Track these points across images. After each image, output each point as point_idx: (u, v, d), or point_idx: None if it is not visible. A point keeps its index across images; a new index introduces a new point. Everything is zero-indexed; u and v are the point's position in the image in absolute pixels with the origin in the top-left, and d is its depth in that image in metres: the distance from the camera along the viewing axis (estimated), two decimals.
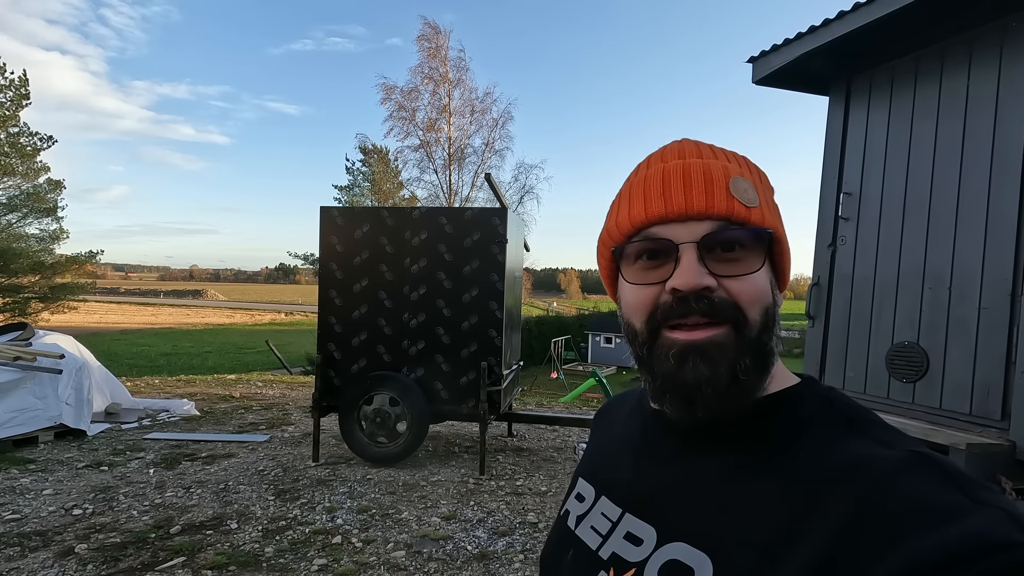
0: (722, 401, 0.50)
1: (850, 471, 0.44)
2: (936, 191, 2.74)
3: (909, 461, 0.43)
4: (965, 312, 2.57)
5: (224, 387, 9.33)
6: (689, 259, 0.51)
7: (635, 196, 0.55)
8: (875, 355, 2.97)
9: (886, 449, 0.45)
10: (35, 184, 16.71)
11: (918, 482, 0.41)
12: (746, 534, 0.46)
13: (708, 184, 0.52)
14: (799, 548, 0.42)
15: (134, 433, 5.95)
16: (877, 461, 0.44)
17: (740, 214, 0.51)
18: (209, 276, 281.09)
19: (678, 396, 0.51)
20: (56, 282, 17.10)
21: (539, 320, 33.73)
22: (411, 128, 22.35)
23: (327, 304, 5.18)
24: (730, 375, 0.49)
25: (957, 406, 2.57)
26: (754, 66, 3.46)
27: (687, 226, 0.52)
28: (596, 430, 0.77)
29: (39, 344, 5.95)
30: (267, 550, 3.40)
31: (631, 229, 0.55)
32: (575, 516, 0.65)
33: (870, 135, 3.12)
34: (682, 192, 0.52)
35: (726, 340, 0.50)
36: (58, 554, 3.27)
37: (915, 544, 0.37)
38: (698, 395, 0.50)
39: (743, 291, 0.51)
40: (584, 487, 0.67)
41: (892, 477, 0.42)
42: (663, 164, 0.55)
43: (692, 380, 0.50)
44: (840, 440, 0.48)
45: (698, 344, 0.50)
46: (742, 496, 0.49)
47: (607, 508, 0.61)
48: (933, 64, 2.85)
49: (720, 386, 0.49)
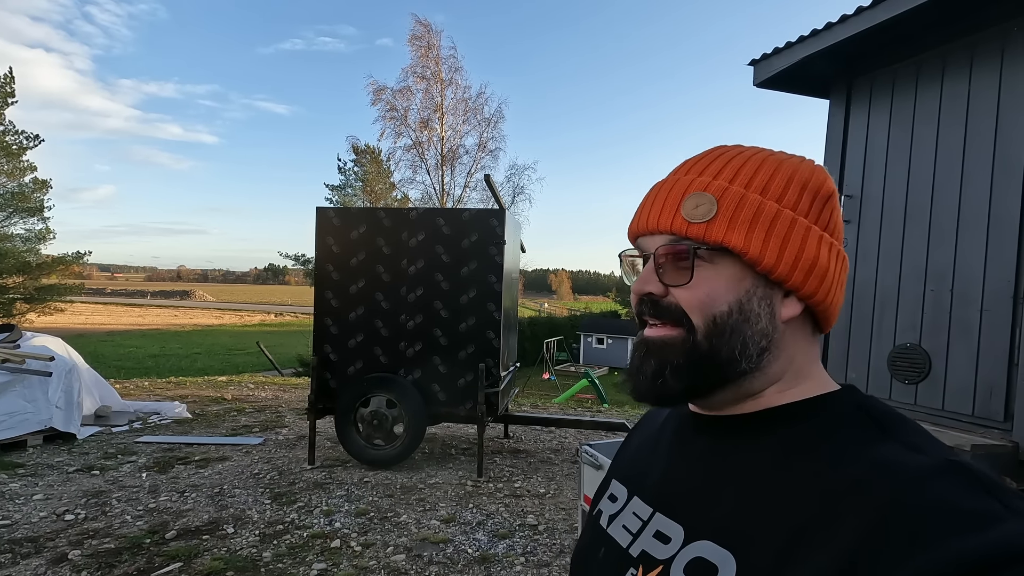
0: (648, 391, 0.57)
1: (877, 474, 0.44)
2: (938, 194, 2.76)
3: (941, 467, 0.43)
4: (967, 314, 2.59)
5: (215, 389, 9.23)
6: (647, 268, 0.58)
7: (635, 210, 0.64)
8: (877, 357, 2.98)
9: (917, 454, 0.45)
10: (20, 183, 16.45)
11: (948, 487, 0.41)
12: (768, 534, 0.47)
13: (664, 202, 0.58)
14: (821, 549, 0.43)
15: (125, 436, 5.86)
16: (906, 465, 0.44)
17: (680, 229, 0.56)
18: (197, 277, 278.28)
19: (627, 379, 0.61)
20: (42, 283, 16.84)
21: (531, 321, 33.75)
22: (403, 128, 22.29)
23: (323, 305, 5.13)
24: (657, 370, 0.56)
25: (960, 407, 2.59)
26: (755, 69, 3.47)
27: (652, 239, 0.59)
28: (634, 434, 0.79)
29: (27, 346, 5.85)
30: (265, 555, 3.36)
31: (631, 238, 0.64)
32: (607, 516, 0.67)
33: (871, 138, 3.14)
34: (647, 210, 0.59)
35: (672, 341, 0.56)
36: (51, 561, 3.20)
37: (943, 547, 0.37)
38: (635, 380, 0.59)
39: (685, 298, 0.56)
40: (617, 488, 0.69)
41: (920, 481, 0.42)
42: (665, 178, 0.62)
43: (635, 369, 0.59)
44: (869, 444, 0.48)
45: (647, 339, 0.59)
46: (767, 496, 0.50)
47: (638, 507, 0.63)
48: (934, 68, 2.87)
49: (646, 377, 0.57)
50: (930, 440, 0.48)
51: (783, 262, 0.55)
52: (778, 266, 0.55)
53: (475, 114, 22.99)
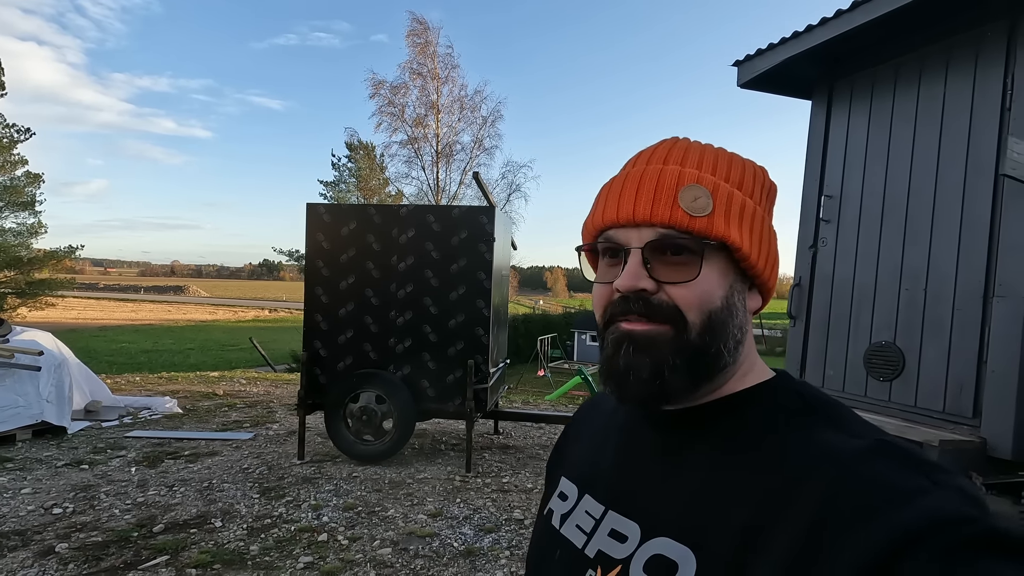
0: (646, 392, 0.54)
1: (820, 460, 0.47)
2: (913, 194, 2.82)
3: (874, 448, 0.46)
4: (940, 313, 2.64)
5: (207, 385, 9.23)
6: (633, 263, 0.54)
7: (600, 199, 0.59)
8: (854, 354, 3.04)
9: (853, 439, 0.48)
10: (12, 177, 16.35)
11: (882, 467, 0.44)
12: (724, 526, 0.48)
13: (656, 192, 0.54)
14: (776, 536, 0.44)
15: (115, 431, 5.87)
16: (845, 449, 0.47)
17: (683, 223, 0.53)
18: (191, 272, 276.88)
19: (610, 380, 0.56)
20: (34, 277, 16.75)
21: (525, 318, 33.78)
22: (399, 124, 22.25)
23: (313, 301, 5.15)
24: (654, 369, 0.53)
25: (931, 404, 2.65)
26: (739, 70, 3.52)
27: (638, 231, 0.55)
28: (579, 428, 0.76)
29: (16, 341, 5.84)
30: (252, 548, 3.39)
31: (595, 230, 0.59)
32: (559, 515, 0.65)
33: (851, 139, 3.19)
34: (632, 200, 0.55)
35: (662, 338, 0.54)
36: (38, 553, 3.22)
37: (878, 524, 0.40)
38: (625, 381, 0.54)
39: (682, 296, 0.54)
40: (567, 486, 0.68)
41: (857, 463, 0.45)
42: (631, 169, 0.59)
43: (622, 366, 0.54)
44: (810, 431, 0.51)
45: (633, 334, 0.54)
46: (718, 488, 0.51)
47: (590, 506, 0.62)
48: (912, 70, 2.93)
49: (643, 377, 0.53)
50: (862, 423, 0.52)
51: (760, 257, 0.57)
52: (758, 261, 0.57)
53: (471, 112, 22.98)
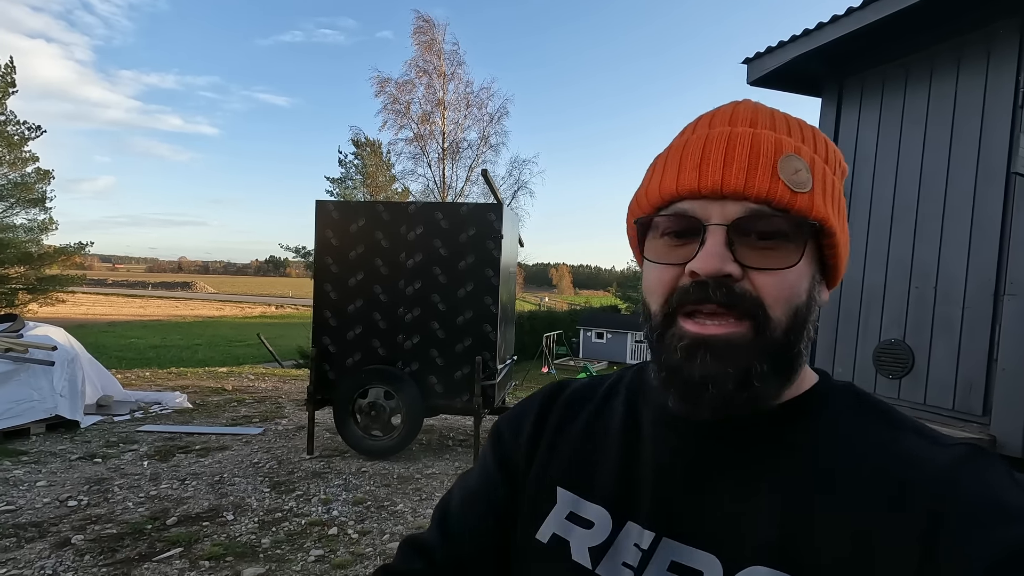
0: (728, 405, 0.45)
1: (915, 470, 0.43)
2: (924, 193, 2.82)
3: (968, 458, 0.43)
4: (950, 311, 2.65)
5: (216, 380, 9.30)
6: (715, 242, 0.45)
7: (670, 164, 0.49)
8: (863, 352, 3.05)
9: (935, 446, 0.45)
10: (23, 174, 16.49)
11: (986, 479, 0.42)
12: (831, 549, 0.43)
13: (752, 160, 0.45)
14: (889, 552, 0.41)
15: (126, 425, 5.94)
16: (937, 459, 0.43)
17: (783, 199, 0.45)
18: (198, 268, 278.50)
19: (681, 392, 0.47)
20: (44, 273, 16.90)
21: (531, 315, 33.82)
22: (405, 121, 22.28)
23: (322, 298, 5.19)
24: (740, 378, 0.45)
25: (941, 402, 2.65)
26: (748, 67, 3.52)
27: (721, 205, 0.46)
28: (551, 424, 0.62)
29: (30, 336, 5.91)
30: (264, 541, 3.44)
31: (660, 201, 0.49)
32: (586, 548, 0.52)
33: (860, 137, 3.19)
34: (720, 166, 0.46)
35: (742, 339, 0.45)
36: (55, 545, 3.28)
37: (990, 540, 0.38)
38: (703, 394, 0.45)
39: (770, 286, 0.45)
40: (585, 507, 0.54)
41: (957, 474, 0.42)
42: (709, 130, 0.49)
43: (698, 377, 0.45)
44: (890, 437, 0.46)
45: (710, 339, 0.45)
46: (807, 504, 0.45)
47: (635, 535, 0.50)
48: (923, 69, 2.92)
49: (727, 389, 0.45)
50: (930, 427, 0.48)
51: (845, 246, 0.50)
52: (844, 249, 0.50)
53: (478, 109, 22.98)
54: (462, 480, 0.66)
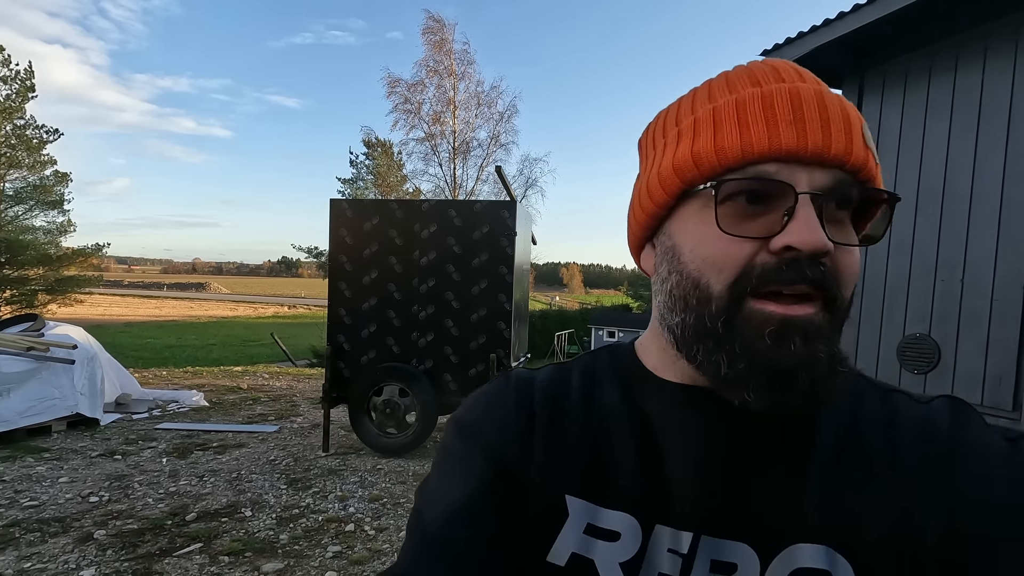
0: (821, 391, 0.41)
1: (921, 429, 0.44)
2: (949, 184, 2.76)
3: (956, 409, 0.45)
4: (977, 304, 2.59)
5: (231, 379, 9.39)
6: (810, 213, 0.40)
7: (747, 117, 0.42)
8: (886, 347, 3.00)
9: (923, 404, 0.47)
10: (41, 176, 16.77)
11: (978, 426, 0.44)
12: (873, 519, 0.42)
13: (847, 123, 0.41)
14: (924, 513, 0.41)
15: (145, 423, 6.01)
16: (934, 416, 0.45)
17: (872, 170, 0.42)
18: (212, 269, 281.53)
19: (770, 383, 0.41)
20: (62, 274, 17.18)
21: (542, 314, 33.77)
22: (416, 121, 22.33)
23: (337, 296, 5.21)
24: (829, 362, 0.41)
25: (969, 397, 2.60)
26: (766, 59, 3.47)
27: (809, 172, 0.40)
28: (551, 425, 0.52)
29: (50, 335, 6.00)
30: (282, 537, 3.46)
31: (738, 160, 0.41)
32: (616, 564, 0.46)
33: (883, 128, 3.14)
34: (819, 126, 0.40)
35: (823, 321, 0.41)
36: (77, 539, 3.32)
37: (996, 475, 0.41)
38: (794, 381, 0.40)
39: (848, 265, 0.42)
40: (611, 517, 0.47)
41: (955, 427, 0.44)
42: (779, 84, 0.42)
43: (791, 364, 0.40)
44: (891, 406, 0.47)
45: (799, 322, 0.41)
46: (846, 482, 0.44)
47: (671, 539, 0.46)
48: (947, 58, 2.86)
49: (820, 374, 0.41)
50: (902, 388, 0.51)
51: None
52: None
53: (488, 107, 22.98)
54: (437, 497, 0.50)
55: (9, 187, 16.39)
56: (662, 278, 0.48)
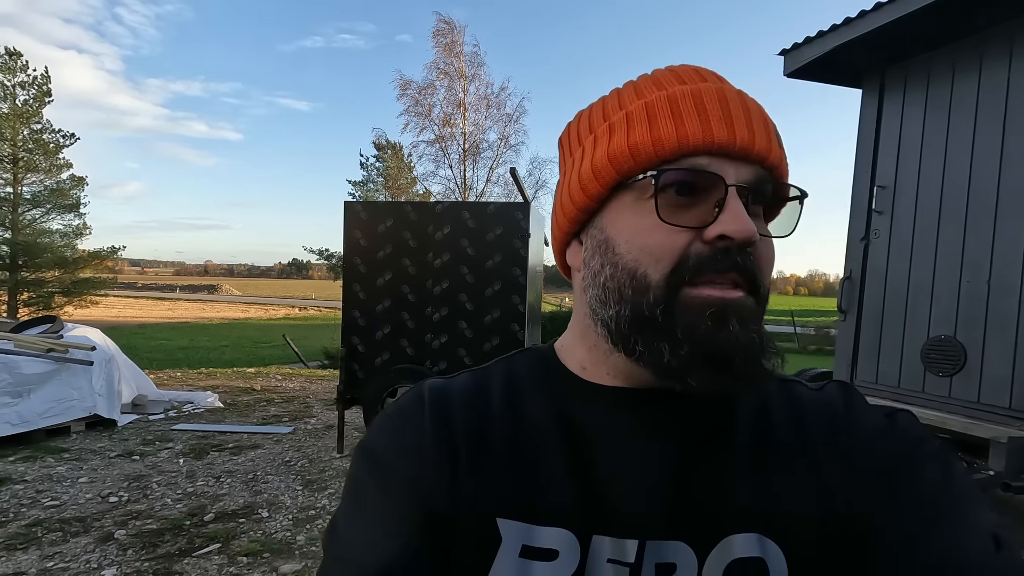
0: (758, 372, 0.42)
1: (826, 415, 0.48)
2: (975, 183, 2.72)
3: (845, 391, 0.51)
4: (1005, 304, 2.55)
5: (244, 380, 9.46)
6: (739, 204, 0.42)
7: (680, 112, 0.43)
8: (910, 349, 2.95)
9: (817, 390, 0.51)
10: (58, 180, 17.00)
11: (865, 408, 0.49)
12: (798, 508, 0.44)
13: (766, 123, 0.44)
14: (836, 492, 0.45)
15: (161, 424, 6.06)
16: (828, 400, 0.50)
17: (785, 168, 0.46)
18: (223, 271, 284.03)
19: (714, 364, 0.41)
20: (78, 276, 17.40)
21: (552, 315, 33.69)
22: (427, 123, 22.40)
23: (351, 298, 5.23)
24: (762, 343, 0.43)
25: (996, 400, 2.55)
26: (785, 59, 3.44)
27: (736, 166, 0.42)
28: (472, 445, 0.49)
29: (69, 336, 6.08)
30: (299, 538, 3.47)
31: (675, 152, 0.42)
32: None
33: (905, 127, 3.09)
34: (745, 123, 0.42)
35: (753, 304, 0.43)
36: (99, 539, 3.35)
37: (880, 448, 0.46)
38: (733, 363, 0.41)
39: (768, 255, 0.45)
40: (547, 535, 0.45)
41: (849, 410, 0.49)
42: (692, 85, 0.45)
43: (731, 344, 0.41)
44: (795, 394, 0.51)
45: (735, 304, 0.42)
46: (764, 470, 0.46)
47: (613, 550, 0.44)
48: (971, 57, 2.82)
49: (756, 355, 0.42)
50: (791, 375, 0.55)
51: None
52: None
53: (497, 109, 23.00)
54: (353, 548, 0.45)
55: (27, 191, 16.64)
56: (594, 272, 0.48)
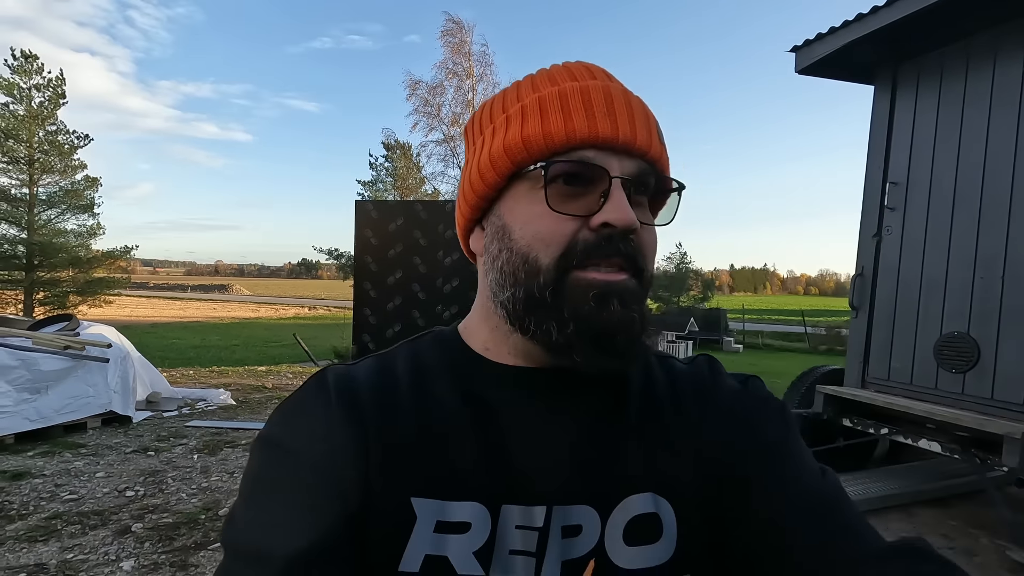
0: (638, 348, 0.47)
1: (700, 384, 0.55)
2: (989, 179, 2.70)
3: (711, 364, 0.58)
4: (1019, 301, 2.53)
5: (256, 378, 9.54)
6: (622, 194, 0.46)
7: (569, 107, 0.47)
8: (922, 346, 2.94)
9: (688, 364, 0.58)
10: (72, 181, 17.23)
11: (727, 376, 0.57)
12: (682, 467, 0.50)
13: (648, 120, 0.48)
14: (710, 449, 0.51)
15: (175, 421, 6.14)
16: (698, 373, 0.57)
17: (665, 163, 0.50)
18: (233, 271, 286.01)
19: (597, 341, 0.45)
20: (92, 276, 17.62)
21: None
22: (436, 123, 22.45)
23: (362, 296, 5.27)
24: (642, 322, 0.47)
25: (1010, 396, 2.53)
26: (797, 55, 3.43)
27: (619, 159, 0.46)
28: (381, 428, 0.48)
29: (85, 334, 6.17)
30: None
31: (563, 144, 0.46)
32: (471, 555, 0.45)
33: (918, 123, 3.08)
34: (627, 120, 0.46)
35: (635, 287, 0.47)
36: (116, 532, 3.41)
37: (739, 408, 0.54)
38: (615, 340, 0.45)
39: (650, 242, 0.49)
40: (459, 509, 0.46)
41: (714, 380, 0.56)
42: (592, 81, 0.49)
43: (613, 324, 0.45)
44: (672, 368, 0.57)
45: (617, 286, 0.46)
46: (652, 435, 0.51)
47: (523, 517, 0.46)
48: (985, 51, 2.80)
49: (636, 332, 0.46)
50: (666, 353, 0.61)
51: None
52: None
53: None
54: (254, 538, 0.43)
55: (42, 191, 16.88)
56: (492, 256, 0.51)
